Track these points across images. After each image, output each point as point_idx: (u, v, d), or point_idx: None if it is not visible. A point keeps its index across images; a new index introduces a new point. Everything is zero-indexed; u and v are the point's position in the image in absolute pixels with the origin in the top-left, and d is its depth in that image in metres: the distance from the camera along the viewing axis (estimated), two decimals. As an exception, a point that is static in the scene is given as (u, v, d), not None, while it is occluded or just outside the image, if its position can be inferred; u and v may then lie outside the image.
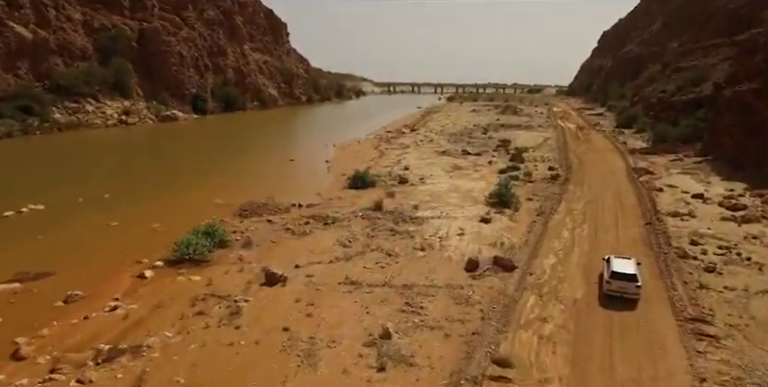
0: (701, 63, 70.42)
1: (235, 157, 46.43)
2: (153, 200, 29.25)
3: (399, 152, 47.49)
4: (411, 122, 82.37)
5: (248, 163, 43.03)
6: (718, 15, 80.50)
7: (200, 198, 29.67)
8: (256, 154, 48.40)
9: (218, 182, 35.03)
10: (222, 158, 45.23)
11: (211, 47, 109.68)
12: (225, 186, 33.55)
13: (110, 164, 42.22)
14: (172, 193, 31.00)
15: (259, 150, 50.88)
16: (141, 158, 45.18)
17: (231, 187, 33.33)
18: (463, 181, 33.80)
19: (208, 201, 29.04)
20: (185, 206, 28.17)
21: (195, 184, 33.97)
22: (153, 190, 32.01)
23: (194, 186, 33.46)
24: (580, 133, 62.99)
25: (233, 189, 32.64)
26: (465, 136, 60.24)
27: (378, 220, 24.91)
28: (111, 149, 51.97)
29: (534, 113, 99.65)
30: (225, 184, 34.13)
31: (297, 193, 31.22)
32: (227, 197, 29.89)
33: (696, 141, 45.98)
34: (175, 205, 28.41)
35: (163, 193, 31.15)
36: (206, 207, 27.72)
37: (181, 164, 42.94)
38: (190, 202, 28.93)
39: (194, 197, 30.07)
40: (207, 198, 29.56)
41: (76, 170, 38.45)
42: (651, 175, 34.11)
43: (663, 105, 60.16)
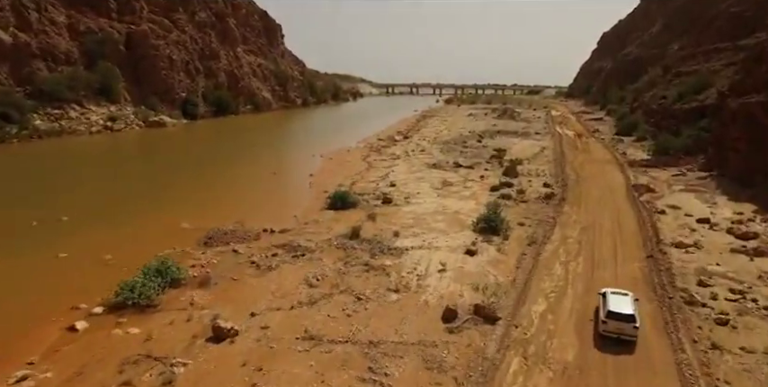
0: (703, 68, 68.22)
1: (214, 169, 44.25)
2: (115, 223, 27.03)
3: (388, 164, 45.30)
4: (405, 128, 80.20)
5: (227, 177, 40.84)
6: (721, 18, 78.30)
7: (168, 221, 27.48)
8: (238, 165, 46.21)
9: (191, 199, 32.87)
10: (200, 171, 43.05)
11: (203, 50, 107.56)
12: (198, 205, 31.39)
13: (81, 176, 40.03)
14: (138, 215, 28.79)
15: (242, 161, 48.68)
16: (115, 171, 42.95)
17: (204, 206, 31.18)
18: (451, 200, 31.61)
19: (175, 225, 26.86)
20: (149, 231, 25.97)
21: (166, 203, 31.79)
22: (118, 210, 29.83)
23: (165, 205, 31.26)
24: (578, 141, 60.80)
25: (206, 209, 30.49)
26: (459, 145, 58.05)
27: (353, 250, 22.73)
28: (88, 159, 49.78)
29: (532, 118, 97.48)
30: (198, 203, 31.98)
31: (272, 215, 29.07)
32: (197, 219, 27.73)
33: (699, 153, 43.81)
34: (139, 230, 26.21)
35: (128, 214, 28.94)
36: (171, 233, 25.55)
37: (156, 177, 40.74)
38: (155, 227, 26.73)
39: (161, 220, 27.86)
40: (174, 221, 27.38)
41: (41, 185, 36.25)
42: (652, 194, 31.91)
43: (664, 113, 57.95)
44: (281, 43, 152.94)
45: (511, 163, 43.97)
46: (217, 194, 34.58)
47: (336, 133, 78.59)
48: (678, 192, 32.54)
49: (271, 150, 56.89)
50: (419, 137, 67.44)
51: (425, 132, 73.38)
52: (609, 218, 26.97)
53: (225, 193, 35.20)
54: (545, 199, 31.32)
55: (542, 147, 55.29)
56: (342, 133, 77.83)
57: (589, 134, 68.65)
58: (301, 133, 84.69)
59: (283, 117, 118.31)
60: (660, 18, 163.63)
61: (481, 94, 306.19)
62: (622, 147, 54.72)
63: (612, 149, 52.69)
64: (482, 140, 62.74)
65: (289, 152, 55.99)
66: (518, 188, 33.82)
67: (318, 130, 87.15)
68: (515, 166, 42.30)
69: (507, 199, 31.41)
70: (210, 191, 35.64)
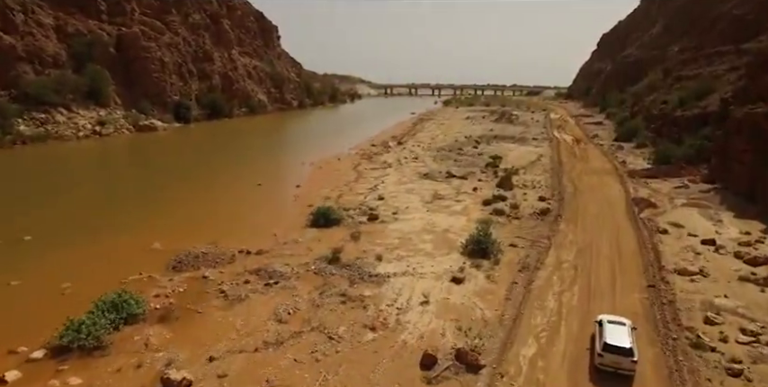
0: (705, 72, 66.64)
1: (198, 178, 42.61)
2: (83, 243, 25.37)
3: (379, 174, 43.65)
4: (400, 133, 78.57)
5: (210, 188, 39.16)
6: (722, 21, 76.72)
7: (140, 240, 25.81)
8: (224, 175, 44.55)
9: (169, 214, 31.21)
10: (184, 181, 41.39)
11: (196, 52, 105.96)
12: (175, 221, 29.74)
13: (57, 187, 38.30)
14: (110, 232, 27.11)
15: (228, 169, 47.03)
16: (95, 181, 41.31)
17: (181, 223, 29.53)
18: (441, 216, 29.95)
19: (146, 244, 25.22)
20: (117, 253, 24.30)
21: (142, 219, 30.09)
22: (89, 227, 28.18)
23: (140, 221, 29.56)
24: (577, 148, 59.16)
25: (183, 226, 28.85)
26: (453, 151, 56.43)
27: (331, 276, 21.09)
28: (69, 168, 48.07)
29: (530, 122, 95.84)
30: (176, 219, 30.31)
31: (251, 233, 27.43)
32: (171, 238, 26.10)
33: (701, 162, 42.19)
34: (107, 250, 24.55)
35: (100, 231, 27.27)
36: (140, 254, 23.91)
37: (136, 188, 39.11)
38: (125, 247, 25.06)
39: (133, 239, 26.19)
40: (147, 240, 25.73)
41: (11, 197, 34.60)
42: (653, 209, 30.27)
43: (665, 119, 56.32)
44: (278, 45, 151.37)
45: (506, 173, 42.30)
46: (196, 209, 32.89)
47: (330, 138, 76.94)
48: (680, 207, 30.88)
49: (260, 157, 55.24)
50: (414, 142, 65.79)
51: (421, 137, 71.74)
52: (607, 238, 25.32)
53: (205, 207, 33.51)
54: (540, 215, 29.67)
55: (539, 154, 53.64)
56: (335, 138, 76.19)
57: (588, 140, 67.02)
58: (294, 138, 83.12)
59: (278, 120, 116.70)
60: (660, 19, 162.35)
61: (480, 95, 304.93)
62: (622, 154, 53.07)
63: (612, 157, 51.05)
64: (478, 146, 61.11)
65: (278, 159, 54.34)
66: (512, 202, 32.16)
67: (312, 134, 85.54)
68: (510, 176, 40.64)
69: (500, 215, 29.77)
70: (191, 204, 33.96)
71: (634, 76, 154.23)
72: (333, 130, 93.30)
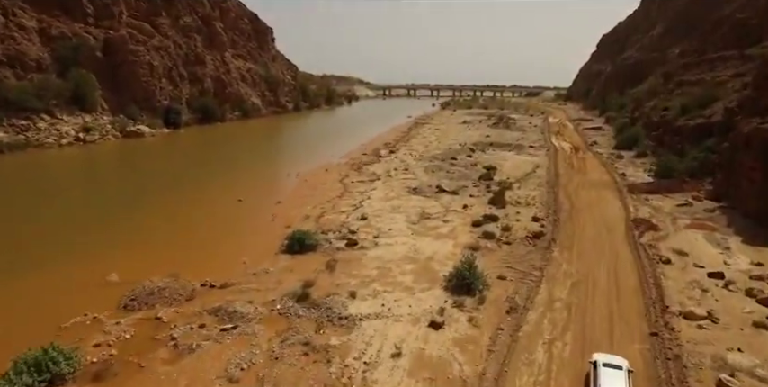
0: (708, 77, 64.50)
1: (176, 192, 40.41)
2: (26, 273, 23.12)
3: (365, 188, 41.48)
4: (393, 139, 76.42)
5: (186, 205, 36.99)
6: (725, 25, 74.53)
7: (94, 270, 23.63)
8: (204, 188, 42.39)
9: (135, 237, 29.02)
10: (160, 195, 39.21)
11: (187, 55, 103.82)
12: (139, 246, 27.56)
13: (18, 204, 36.10)
14: (63, 260, 24.93)
15: (209, 181, 44.89)
16: (63, 195, 39.08)
17: (147, 247, 27.37)
18: (426, 240, 27.79)
19: (101, 275, 23.07)
20: (66, 286, 22.13)
21: (103, 243, 27.87)
22: (40, 252, 25.98)
23: (100, 246, 27.32)
24: (575, 157, 57.00)
25: (147, 251, 26.70)
26: (447, 161, 54.28)
27: (297, 318, 18.95)
28: (40, 180, 45.77)
29: (528, 127, 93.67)
30: (141, 242, 28.14)
31: (220, 260, 25.31)
32: (130, 267, 23.98)
33: (705, 176, 40.07)
34: (54, 284, 22.38)
35: (52, 259, 25.08)
36: (90, 290, 21.75)
37: (106, 204, 36.87)
38: (75, 279, 22.89)
39: (88, 268, 24.00)
40: (103, 270, 23.55)
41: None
42: (655, 232, 28.11)
43: (666, 128, 54.16)
44: (272, 47, 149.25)
45: (499, 187, 40.18)
46: (167, 230, 30.72)
47: (322, 144, 74.80)
48: (684, 229, 28.71)
49: (246, 168, 53.05)
50: (406, 150, 63.64)
51: (414, 144, 69.59)
52: (605, 269, 23.14)
53: (177, 227, 31.34)
54: (533, 239, 27.51)
55: (536, 164, 51.47)
56: (327, 144, 74.06)
57: (586, 148, 64.85)
58: (285, 144, 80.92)
59: (271, 124, 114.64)
60: (660, 21, 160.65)
61: (479, 96, 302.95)
62: (621, 165, 50.91)
63: (611, 168, 48.87)
64: (472, 155, 58.98)
65: (264, 170, 52.15)
66: (503, 224, 29.98)
67: (304, 140, 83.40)
68: (503, 192, 38.49)
69: (490, 239, 27.62)
70: (162, 225, 31.79)
71: (634, 78, 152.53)
72: (326, 135, 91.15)
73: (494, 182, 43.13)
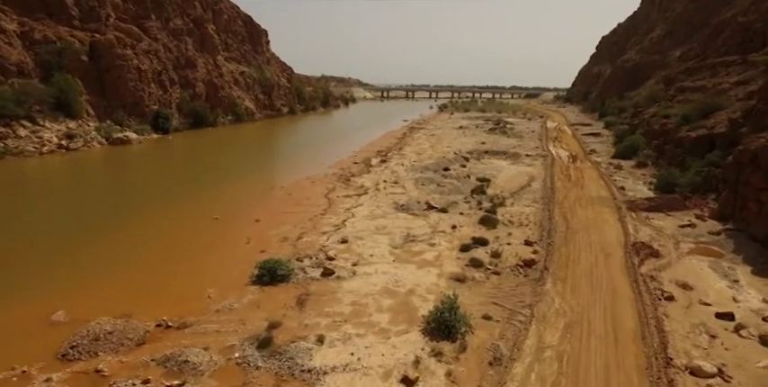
0: (710, 84, 62.49)
1: (151, 208, 38.29)
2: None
3: (351, 204, 39.39)
4: (387, 146, 74.34)
5: (158, 223, 34.88)
6: (728, 28, 72.53)
7: (40, 307, 21.47)
8: (179, 203, 40.31)
9: (92, 265, 26.86)
10: (132, 213, 37.04)
11: (178, 59, 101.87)
12: (95, 277, 25.33)
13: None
14: (2, 295, 22.73)
15: (188, 195, 42.81)
16: (24, 214, 36.75)
17: (103, 278, 25.17)
18: (409, 268, 25.67)
19: (46, 314, 20.89)
20: (1, 329, 19.99)
21: (55, 272, 25.76)
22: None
23: (51, 276, 25.24)
24: (572, 167, 54.91)
25: (103, 283, 24.53)
26: (439, 172, 52.24)
27: (256, 371, 16.84)
28: (10, 193, 43.61)
29: (525, 132, 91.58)
30: (99, 272, 25.95)
31: (182, 293, 23.18)
32: (81, 303, 21.88)
33: (709, 191, 38.01)
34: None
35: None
36: (30, 333, 19.58)
37: (71, 223, 34.72)
38: (16, 318, 20.72)
39: (32, 304, 21.88)
40: (50, 307, 21.38)
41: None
42: (656, 260, 26.01)
43: (667, 137, 52.09)
44: (267, 49, 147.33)
45: (491, 203, 38.13)
46: (131, 257, 28.55)
47: (313, 151, 72.79)
48: (688, 255, 26.59)
49: (229, 178, 50.94)
50: (398, 159, 61.57)
51: (407, 152, 67.51)
52: (601, 306, 21.02)
53: (142, 253, 29.16)
54: (524, 267, 25.39)
55: (531, 176, 49.37)
56: (318, 151, 72.07)
57: (584, 156, 62.77)
58: (274, 151, 78.82)
59: (264, 129, 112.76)
60: (661, 23, 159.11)
61: (478, 98, 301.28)
62: (621, 176, 48.81)
63: (609, 181, 46.77)
64: (467, 165, 56.93)
65: (247, 181, 50.01)
66: (493, 249, 27.85)
67: (295, 146, 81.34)
68: (495, 208, 36.46)
69: (477, 267, 25.50)
70: (127, 250, 29.62)
71: (633, 81, 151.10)
72: (318, 141, 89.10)
73: (486, 196, 41.04)
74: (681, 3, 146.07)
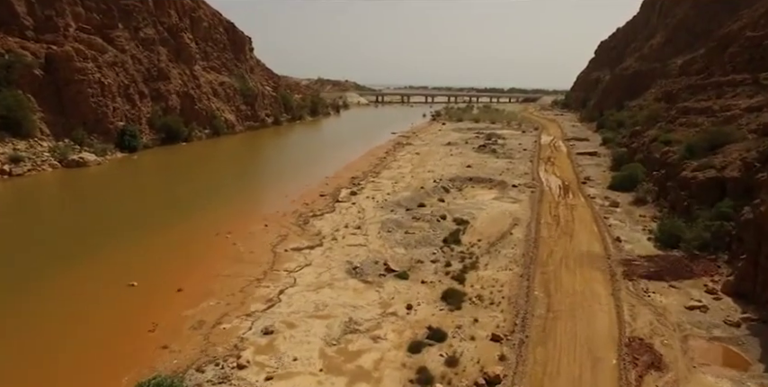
0: (716, 106, 56.63)
1: (60, 268, 32.22)
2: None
3: (297, 263, 33.42)
4: (364, 170, 68.39)
5: (56, 298, 28.84)
6: (734, 43, 66.59)
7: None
8: (98, 257, 34.33)
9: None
10: (31, 280, 30.95)
11: (149, 70, 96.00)
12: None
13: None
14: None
15: (115, 244, 36.86)
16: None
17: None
18: (338, 384, 19.70)
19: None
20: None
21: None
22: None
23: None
24: (562, 204, 48.97)
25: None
26: (413, 209, 46.38)
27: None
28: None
29: (517, 150, 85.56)
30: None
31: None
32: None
33: (720, 249, 32.09)
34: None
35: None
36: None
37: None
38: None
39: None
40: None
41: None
42: (659, 373, 20.05)
43: (669, 171, 46.16)
44: (251, 57, 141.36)
45: (462, 262, 32.21)
46: None
47: (281, 175, 66.89)
48: (701, 368, 20.60)
49: (172, 217, 44.96)
50: (372, 189, 55.63)
51: (384, 179, 61.56)
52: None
53: (11, 353, 23.18)
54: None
55: (516, 217, 43.38)
56: (288, 175, 66.20)
57: (578, 186, 56.81)
58: (239, 174, 72.17)
59: (240, 144, 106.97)
60: (661, 30, 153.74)
61: (474, 103, 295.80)
62: (617, 219, 42.82)
63: (603, 225, 40.77)
64: (445, 198, 50.98)
65: (193, 221, 43.99)
66: (450, 351, 21.86)
67: (264, 167, 75.22)
68: (466, 272, 30.56)
69: (426, 386, 19.53)
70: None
71: (633, 89, 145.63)
72: (293, 159, 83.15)
73: (459, 249, 35.15)
74: (682, 9, 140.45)
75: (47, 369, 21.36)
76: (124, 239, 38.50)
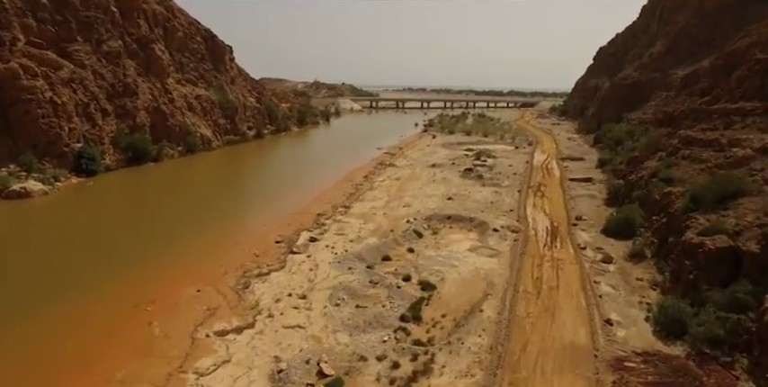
0: (725, 140, 50.37)
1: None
2: None
3: (214, 359, 27.07)
4: (334, 203, 62.10)
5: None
6: (743, 65, 60.30)
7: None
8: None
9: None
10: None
11: (114, 86, 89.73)
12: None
13: None
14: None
15: (27, 313, 30.62)
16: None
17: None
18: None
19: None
20: None
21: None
22: None
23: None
24: (548, 256, 42.67)
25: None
26: (377, 263, 40.22)
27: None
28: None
29: (506, 174, 79.17)
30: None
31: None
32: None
33: (735, 348, 25.74)
34: None
35: None
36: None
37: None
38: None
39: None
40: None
41: None
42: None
43: (671, 223, 39.86)
44: (232, 67, 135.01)
45: (413, 364, 25.91)
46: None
47: (241, 208, 60.60)
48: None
49: (92, 278, 38.59)
50: (335, 233, 49.36)
51: (352, 217, 55.24)
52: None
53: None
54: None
55: (490, 282, 37.01)
56: (250, 208, 59.98)
57: (568, 228, 50.46)
58: (198, 205, 63.27)
59: (213, 163, 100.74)
60: (662, 38, 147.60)
61: (471, 108, 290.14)
62: (609, 285, 36.41)
63: (593, 297, 34.40)
64: (415, 248, 44.67)
65: (112, 284, 37.57)
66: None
67: (227, 196, 68.13)
68: (412, 384, 24.24)
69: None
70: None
71: (632, 99, 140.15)
72: (263, 185, 76.90)
73: (416, 334, 28.88)
74: (683, 16, 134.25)
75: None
76: (52, 295, 32.20)
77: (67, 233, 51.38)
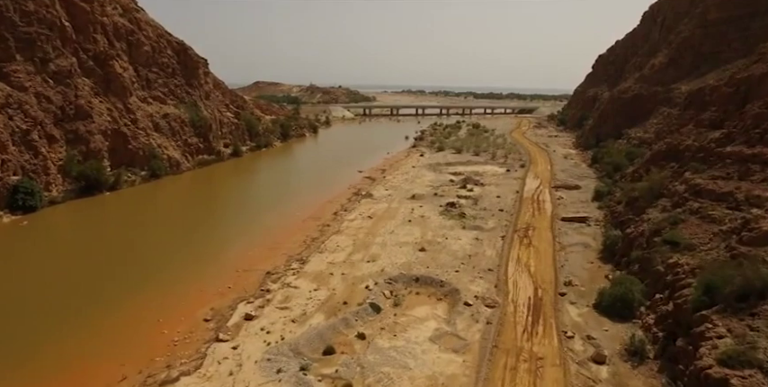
0: (741, 195, 42.68)
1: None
2: None
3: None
4: (290, 255, 54.29)
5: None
6: (758, 100, 52.43)
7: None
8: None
9: None
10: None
11: (63, 108, 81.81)
12: None
13: None
14: None
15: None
16: None
17: None
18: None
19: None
20: None
21: None
22: None
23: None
24: (526, 350, 34.74)
25: None
26: (314, 360, 32.22)
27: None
28: None
29: (491, 210, 71.25)
30: None
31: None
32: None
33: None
34: None
35: None
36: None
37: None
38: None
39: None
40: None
41: None
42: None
43: (679, 317, 31.99)
44: (206, 82, 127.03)
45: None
46: None
47: (181, 266, 52.68)
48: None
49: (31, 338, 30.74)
50: (277, 305, 41.49)
51: (304, 279, 47.38)
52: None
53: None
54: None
55: None
56: (189, 265, 52.10)
57: (554, 303, 42.49)
58: (131, 261, 54.85)
59: (174, 191, 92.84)
60: (663, 48, 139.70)
61: (467, 116, 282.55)
62: None
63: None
64: (366, 333, 36.74)
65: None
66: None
67: (170, 245, 60.08)
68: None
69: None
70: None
71: (633, 114, 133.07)
72: (217, 226, 68.93)
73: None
74: (687, 27, 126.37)
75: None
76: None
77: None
